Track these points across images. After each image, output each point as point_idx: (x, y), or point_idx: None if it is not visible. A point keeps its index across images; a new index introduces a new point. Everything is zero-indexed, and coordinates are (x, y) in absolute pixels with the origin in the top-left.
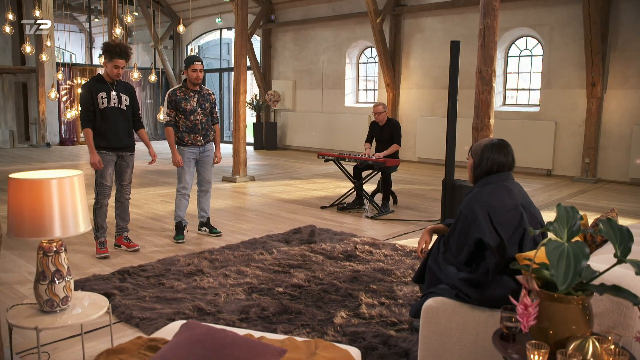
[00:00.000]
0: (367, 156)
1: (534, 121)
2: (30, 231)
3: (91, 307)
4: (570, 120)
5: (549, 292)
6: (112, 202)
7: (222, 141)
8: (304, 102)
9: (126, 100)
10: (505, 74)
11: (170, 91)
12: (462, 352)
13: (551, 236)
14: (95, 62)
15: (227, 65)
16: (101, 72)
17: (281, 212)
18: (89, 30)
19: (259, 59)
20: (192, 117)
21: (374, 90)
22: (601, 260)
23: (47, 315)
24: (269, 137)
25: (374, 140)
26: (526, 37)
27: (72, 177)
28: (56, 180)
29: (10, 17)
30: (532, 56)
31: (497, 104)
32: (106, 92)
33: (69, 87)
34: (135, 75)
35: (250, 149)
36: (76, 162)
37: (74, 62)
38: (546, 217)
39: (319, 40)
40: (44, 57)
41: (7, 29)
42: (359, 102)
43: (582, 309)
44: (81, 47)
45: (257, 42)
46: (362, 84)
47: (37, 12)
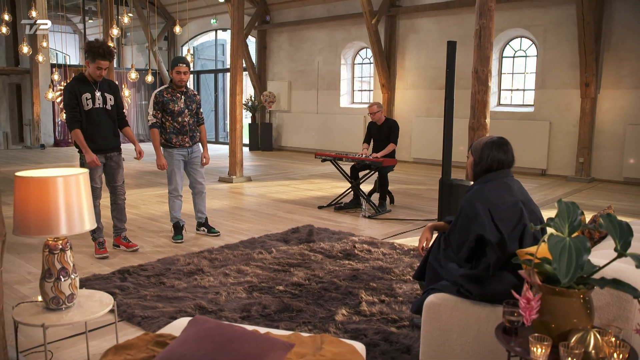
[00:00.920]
0: (364, 156)
1: (528, 121)
2: (36, 229)
3: (96, 304)
4: (564, 120)
5: (550, 286)
6: (108, 204)
7: (217, 142)
8: (300, 103)
9: (111, 99)
10: (499, 74)
11: (156, 92)
12: (464, 348)
13: (551, 231)
14: None
15: (222, 66)
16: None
17: (279, 212)
18: (83, 31)
19: (254, 59)
20: (180, 119)
21: (369, 91)
22: (600, 256)
23: (53, 312)
24: (264, 138)
25: (372, 140)
26: (520, 38)
27: (77, 175)
28: (62, 178)
29: (6, 17)
30: (526, 57)
31: (491, 104)
32: (90, 93)
33: (61, 89)
34: (132, 75)
35: (245, 150)
36: (71, 163)
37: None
38: (543, 215)
39: (314, 41)
40: (40, 58)
41: (4, 30)
42: (354, 103)
43: (583, 302)
44: (75, 49)
45: (252, 43)
46: (357, 84)
47: (33, 12)
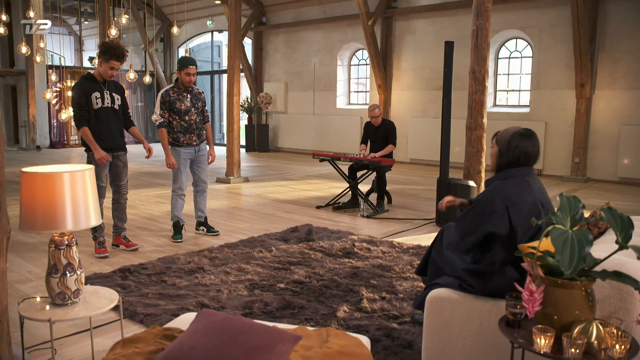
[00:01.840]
0: (362, 156)
1: (524, 122)
2: (43, 224)
3: (102, 300)
4: (559, 120)
5: (553, 278)
6: (108, 203)
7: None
8: (296, 104)
9: (118, 99)
10: (495, 75)
11: (163, 92)
12: (466, 342)
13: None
14: (85, 64)
15: (217, 67)
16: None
17: (277, 211)
18: (78, 33)
19: (251, 61)
20: (187, 117)
21: (366, 92)
22: (600, 249)
23: (59, 307)
24: (260, 139)
25: (369, 140)
26: (516, 39)
27: (83, 170)
28: (68, 174)
29: (4, 18)
30: (521, 58)
31: (487, 104)
32: (99, 92)
33: (59, 89)
34: (131, 76)
35: (241, 151)
36: (68, 164)
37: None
38: None
39: (310, 42)
40: (37, 59)
41: (1, 30)
42: (350, 104)
43: (585, 294)
44: (70, 50)
45: (248, 45)
46: (353, 85)
47: (31, 13)
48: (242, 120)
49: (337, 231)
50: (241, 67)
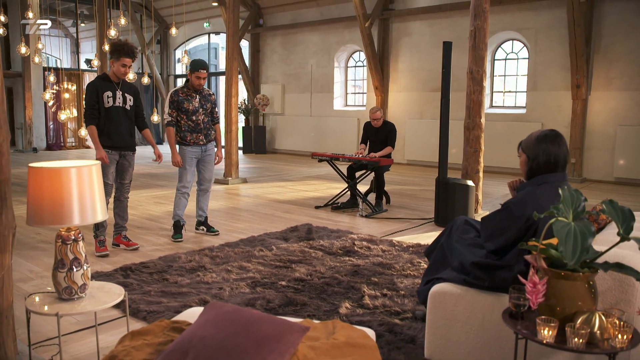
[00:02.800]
0: (360, 156)
1: (520, 122)
2: (50, 219)
3: (108, 295)
4: (556, 121)
5: (556, 270)
6: (109, 202)
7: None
8: (293, 106)
9: (130, 100)
10: (492, 76)
11: (172, 91)
12: (469, 335)
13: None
14: (82, 66)
15: (214, 69)
16: (107, 72)
17: (276, 211)
18: (75, 35)
19: (248, 63)
20: (194, 117)
21: (363, 93)
22: (601, 242)
23: (65, 302)
24: (258, 141)
25: (369, 141)
26: (512, 41)
27: (90, 166)
28: (75, 169)
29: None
30: (518, 59)
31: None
32: (112, 92)
33: (55, 91)
34: (130, 76)
35: (239, 153)
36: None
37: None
38: None
39: (307, 44)
40: (36, 59)
41: (0, 31)
42: (347, 106)
43: (587, 286)
44: (67, 52)
45: (245, 47)
46: (350, 87)
47: (30, 13)
48: (239, 122)
49: (336, 230)
50: (238, 69)
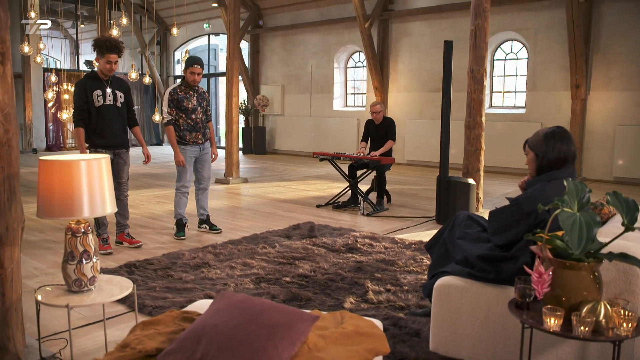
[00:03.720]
0: (362, 155)
1: (520, 122)
2: (60, 211)
3: (116, 287)
4: (555, 121)
5: (561, 260)
6: None
7: None
8: (293, 107)
9: (121, 97)
10: (491, 76)
11: (170, 90)
12: (474, 328)
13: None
14: (82, 68)
15: (214, 70)
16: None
17: (278, 210)
18: (75, 36)
19: (247, 64)
20: (194, 116)
21: (363, 94)
22: (604, 235)
23: (75, 294)
24: (257, 142)
25: (370, 138)
26: (511, 41)
27: (100, 159)
28: (85, 162)
29: None
30: (517, 59)
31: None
32: (101, 90)
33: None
34: (133, 75)
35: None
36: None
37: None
38: None
39: (307, 45)
40: (38, 59)
41: None
42: (347, 106)
43: (592, 276)
44: (66, 54)
45: (245, 47)
46: (350, 88)
47: (32, 13)
48: (240, 122)
49: (338, 228)
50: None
